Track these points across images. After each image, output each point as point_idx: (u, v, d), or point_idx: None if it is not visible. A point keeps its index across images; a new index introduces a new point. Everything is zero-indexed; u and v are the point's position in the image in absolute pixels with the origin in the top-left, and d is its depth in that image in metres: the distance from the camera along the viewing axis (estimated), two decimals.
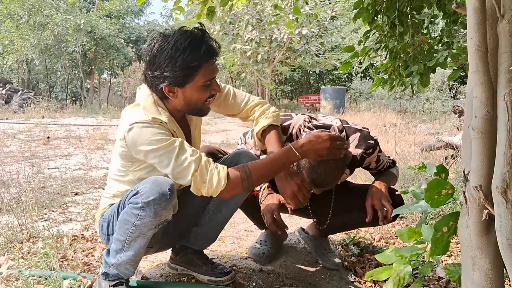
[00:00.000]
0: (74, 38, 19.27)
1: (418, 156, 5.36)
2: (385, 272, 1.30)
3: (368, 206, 2.00)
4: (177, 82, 1.66)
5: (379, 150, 2.08)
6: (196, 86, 1.69)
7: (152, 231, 1.69)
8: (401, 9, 2.98)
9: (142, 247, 1.73)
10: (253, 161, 1.77)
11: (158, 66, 1.64)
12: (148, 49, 1.68)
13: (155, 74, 1.66)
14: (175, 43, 1.62)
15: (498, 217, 0.97)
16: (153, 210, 1.61)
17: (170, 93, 1.70)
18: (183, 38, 1.63)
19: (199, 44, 1.64)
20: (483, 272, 1.04)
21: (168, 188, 1.61)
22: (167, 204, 1.63)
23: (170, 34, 1.66)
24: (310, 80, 27.57)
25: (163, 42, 1.64)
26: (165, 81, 1.65)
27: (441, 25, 10.16)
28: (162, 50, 1.63)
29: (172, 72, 1.63)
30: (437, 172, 1.20)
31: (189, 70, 1.64)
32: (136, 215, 1.64)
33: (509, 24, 0.98)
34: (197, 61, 1.63)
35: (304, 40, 13.77)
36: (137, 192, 1.64)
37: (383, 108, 15.75)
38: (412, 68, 3.05)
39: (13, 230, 2.69)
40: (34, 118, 13.12)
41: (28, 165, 5.17)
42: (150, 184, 1.62)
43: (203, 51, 1.64)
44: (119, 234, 1.72)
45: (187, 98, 1.72)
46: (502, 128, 0.96)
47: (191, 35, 1.65)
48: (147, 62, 1.68)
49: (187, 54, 1.61)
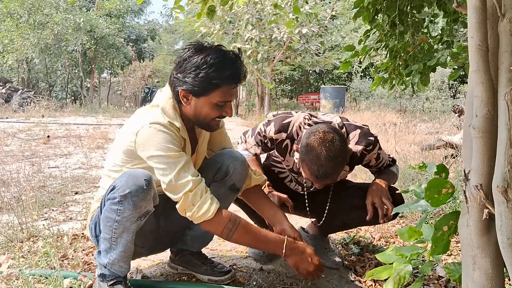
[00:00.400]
0: (74, 37, 19.27)
1: (418, 155, 5.36)
2: (386, 272, 1.30)
3: (369, 204, 2.00)
4: (193, 91, 1.68)
5: (379, 147, 2.08)
6: (209, 102, 1.70)
7: (136, 224, 1.68)
8: (402, 8, 2.98)
9: (129, 242, 1.72)
10: (246, 223, 1.81)
11: (183, 70, 1.67)
12: (181, 52, 1.72)
13: (178, 76, 1.69)
14: (207, 56, 1.64)
15: (498, 216, 0.97)
16: (132, 202, 1.61)
17: (184, 98, 1.71)
18: (215, 54, 1.66)
19: (227, 65, 1.67)
20: (483, 271, 1.04)
21: (144, 179, 1.61)
22: (145, 195, 1.62)
23: (207, 46, 1.70)
24: (310, 79, 27.56)
25: (196, 51, 1.67)
26: (184, 86, 1.67)
27: (441, 24, 10.16)
28: (192, 57, 1.66)
29: (192, 80, 1.65)
30: (437, 172, 1.20)
31: (209, 85, 1.66)
32: (116, 210, 1.63)
33: (510, 23, 0.98)
34: (219, 79, 1.65)
35: (304, 39, 13.76)
36: (114, 187, 1.64)
37: (383, 107, 15.75)
38: (412, 67, 3.05)
39: (14, 229, 2.69)
40: (34, 117, 13.13)
41: (28, 164, 5.17)
42: (126, 177, 1.62)
43: (228, 73, 1.66)
44: (105, 232, 1.71)
45: (198, 109, 1.73)
46: (503, 127, 0.96)
47: (223, 55, 1.67)
48: (177, 63, 1.72)
49: (212, 70, 1.63)
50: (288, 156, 2.14)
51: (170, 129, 1.68)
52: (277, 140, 2.08)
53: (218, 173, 1.92)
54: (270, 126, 2.06)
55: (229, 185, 1.92)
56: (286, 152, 2.13)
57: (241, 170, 1.93)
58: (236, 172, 1.91)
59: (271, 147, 2.15)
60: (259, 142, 2.14)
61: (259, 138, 2.13)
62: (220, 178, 1.92)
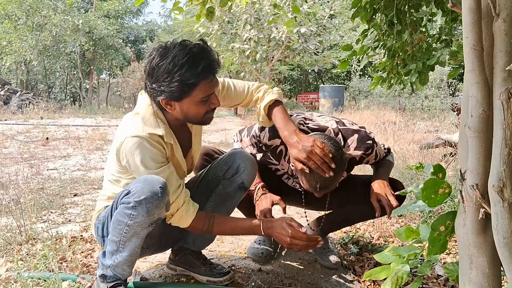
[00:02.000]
0: (73, 38, 19.25)
1: (417, 154, 5.36)
2: (384, 272, 1.30)
3: (375, 202, 2.02)
4: (173, 97, 1.66)
5: (376, 145, 2.09)
6: (193, 101, 1.69)
7: (146, 230, 1.70)
8: (399, 7, 2.98)
9: (137, 247, 1.73)
10: (221, 217, 1.89)
11: (156, 79, 1.64)
12: (147, 61, 1.68)
13: (153, 86, 1.65)
14: (174, 58, 1.61)
15: (494, 216, 0.97)
16: (145, 209, 1.61)
17: (167, 106, 1.70)
18: (182, 54, 1.62)
19: (197, 61, 1.63)
20: (480, 270, 1.04)
21: (160, 186, 1.61)
22: (159, 202, 1.62)
23: (170, 47, 1.65)
24: (309, 78, 27.57)
25: (162, 56, 1.63)
26: (162, 95, 1.65)
27: (440, 22, 10.16)
28: (161, 64, 1.62)
29: (169, 87, 1.62)
30: (434, 172, 1.20)
31: (186, 86, 1.63)
32: (129, 215, 1.64)
33: (504, 23, 0.98)
34: (194, 78, 1.63)
35: (303, 39, 13.77)
36: (128, 191, 1.64)
37: (382, 106, 15.75)
38: (410, 66, 3.05)
39: (12, 232, 2.69)
40: (33, 119, 13.11)
41: (27, 166, 5.16)
42: (142, 183, 1.62)
43: (201, 68, 1.63)
44: (113, 235, 1.72)
45: (185, 111, 1.72)
46: (498, 127, 0.96)
47: (190, 51, 1.63)
48: (146, 73, 1.68)
49: (185, 71, 1.60)
50: (283, 161, 2.15)
51: (149, 142, 1.69)
52: (271, 146, 2.08)
53: (229, 171, 1.99)
54: (264, 131, 2.06)
55: (238, 183, 1.98)
56: (281, 157, 2.13)
57: (251, 169, 1.99)
58: (246, 171, 1.97)
59: (266, 150, 2.15)
60: (254, 144, 2.14)
61: (254, 141, 2.13)
62: (230, 176, 1.99)
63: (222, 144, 7.41)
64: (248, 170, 1.97)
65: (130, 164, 1.70)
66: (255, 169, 2.02)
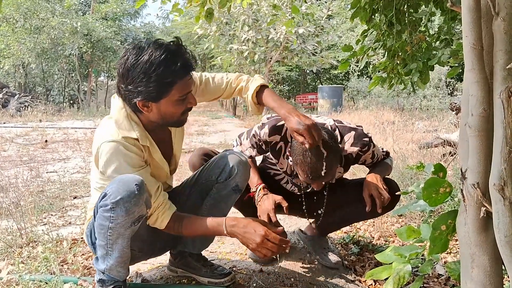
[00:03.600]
0: (71, 41, 19.22)
1: (416, 154, 5.37)
2: (385, 272, 1.30)
3: (366, 196, 2.03)
4: (151, 97, 1.63)
5: (373, 145, 2.10)
6: (171, 101, 1.66)
7: (130, 230, 1.67)
8: (398, 7, 2.98)
9: (125, 247, 1.72)
10: (191, 218, 1.80)
11: (132, 80, 1.60)
12: (121, 62, 1.63)
13: (129, 88, 1.61)
14: (149, 57, 1.58)
15: (496, 214, 0.97)
16: (124, 208, 1.59)
17: (144, 108, 1.67)
18: (158, 53, 1.59)
19: (174, 59, 1.61)
20: (482, 269, 1.04)
21: (135, 184, 1.58)
22: (137, 200, 1.60)
23: (144, 47, 1.62)
24: (307, 79, 27.59)
25: (137, 56, 1.59)
26: (139, 96, 1.62)
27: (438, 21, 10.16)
28: (136, 64, 1.58)
29: (146, 87, 1.59)
30: (434, 171, 1.20)
31: (164, 85, 1.61)
32: (109, 218, 1.62)
33: (504, 22, 0.98)
34: (171, 77, 1.60)
35: (301, 39, 13.76)
36: (105, 194, 1.62)
37: (381, 106, 15.76)
38: (411, 66, 3.05)
39: (13, 235, 2.69)
40: (32, 121, 13.11)
41: (26, 169, 5.16)
42: (117, 184, 1.60)
43: (178, 66, 1.61)
44: (100, 239, 1.71)
45: (162, 112, 1.70)
46: (499, 126, 0.96)
47: (166, 50, 1.60)
48: (120, 74, 1.63)
49: (161, 70, 1.57)
50: (282, 159, 2.15)
51: (125, 145, 1.67)
52: (271, 142, 2.08)
53: (222, 175, 1.94)
54: (264, 129, 2.07)
55: (232, 186, 1.94)
56: (280, 154, 2.14)
57: (244, 171, 1.95)
58: (240, 173, 1.93)
59: (266, 149, 2.15)
60: (254, 144, 2.15)
61: (254, 141, 2.14)
62: (223, 180, 1.94)
63: (221, 145, 7.40)
64: (241, 172, 1.94)
65: (106, 169, 1.67)
66: (248, 170, 1.99)
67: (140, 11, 28.52)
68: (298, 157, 1.83)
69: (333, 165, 1.84)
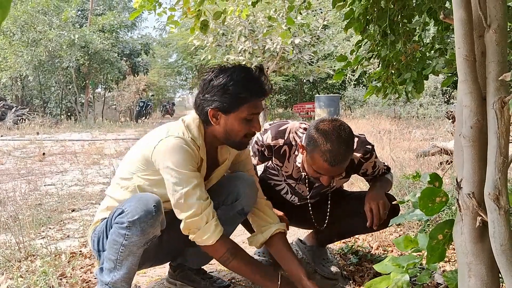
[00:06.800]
0: (68, 53, 19.27)
1: (414, 162, 5.38)
2: (384, 282, 1.31)
3: (367, 211, 2.03)
4: (223, 108, 1.70)
5: (375, 156, 2.11)
6: (238, 117, 1.72)
7: (142, 249, 1.70)
8: (392, 18, 3.01)
9: (134, 265, 1.74)
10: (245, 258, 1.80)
11: (211, 90, 1.70)
12: (205, 75, 1.75)
13: (206, 96, 1.71)
14: (231, 73, 1.69)
15: (491, 224, 0.98)
16: (140, 228, 1.61)
17: (213, 118, 1.73)
18: (240, 71, 1.71)
19: (253, 80, 1.72)
20: (479, 278, 1.05)
21: (154, 205, 1.61)
22: (154, 221, 1.63)
23: (230, 67, 1.74)
24: (304, 88, 27.65)
25: (221, 72, 1.71)
26: (212, 104, 1.70)
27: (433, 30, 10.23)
28: (218, 77, 1.70)
29: (221, 97, 1.68)
30: (430, 181, 1.22)
31: (237, 100, 1.69)
32: (123, 235, 1.64)
33: (495, 33, 1.00)
34: (246, 94, 1.69)
35: (297, 49, 13.84)
36: (122, 211, 1.64)
37: (377, 114, 15.81)
38: (405, 76, 3.08)
39: (11, 249, 2.68)
40: (29, 134, 13.08)
41: (24, 182, 5.15)
42: (135, 202, 1.62)
43: (254, 86, 1.71)
44: (110, 253, 1.72)
45: (228, 126, 1.75)
46: (493, 136, 0.98)
47: (248, 71, 1.73)
48: (202, 86, 1.75)
49: (239, 86, 1.67)
50: (287, 162, 2.16)
51: (191, 147, 1.70)
52: (275, 146, 2.10)
53: (229, 198, 1.94)
54: (267, 134, 2.09)
55: (238, 209, 1.95)
56: (285, 158, 2.15)
57: (251, 194, 1.95)
58: (246, 196, 1.94)
59: (269, 155, 2.16)
60: (256, 151, 2.16)
61: (256, 148, 2.15)
62: (230, 203, 1.94)
63: None
64: (247, 195, 1.94)
65: (166, 160, 1.67)
66: (255, 192, 1.98)
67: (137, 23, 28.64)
68: (317, 142, 1.83)
69: (350, 153, 1.87)
